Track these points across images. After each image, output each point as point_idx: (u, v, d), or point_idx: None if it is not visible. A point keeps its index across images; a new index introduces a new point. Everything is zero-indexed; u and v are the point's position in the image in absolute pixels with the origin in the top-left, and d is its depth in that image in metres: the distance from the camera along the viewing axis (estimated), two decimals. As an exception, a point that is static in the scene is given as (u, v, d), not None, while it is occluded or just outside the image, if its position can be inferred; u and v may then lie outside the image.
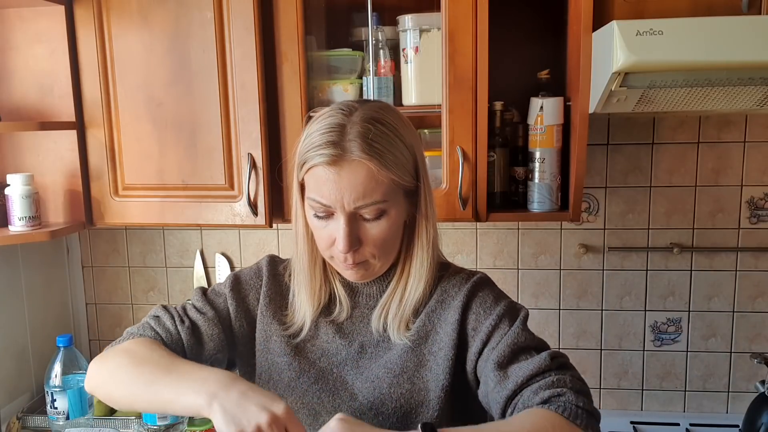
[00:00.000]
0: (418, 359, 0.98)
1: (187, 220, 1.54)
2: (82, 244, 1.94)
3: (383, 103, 0.98)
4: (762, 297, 1.72)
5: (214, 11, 1.44)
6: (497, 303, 0.98)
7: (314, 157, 0.89)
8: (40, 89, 1.55)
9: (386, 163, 0.89)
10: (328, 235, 0.93)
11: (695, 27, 1.16)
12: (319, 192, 0.90)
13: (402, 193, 0.94)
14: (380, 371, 0.98)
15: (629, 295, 1.77)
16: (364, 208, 0.90)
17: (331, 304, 1.04)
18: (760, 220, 1.70)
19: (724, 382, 1.77)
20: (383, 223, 0.92)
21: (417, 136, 0.98)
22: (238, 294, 1.07)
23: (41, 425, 1.69)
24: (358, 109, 0.92)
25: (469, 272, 1.05)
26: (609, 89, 1.24)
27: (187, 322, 1.03)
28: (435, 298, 1.01)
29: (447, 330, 0.98)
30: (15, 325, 1.75)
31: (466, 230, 1.79)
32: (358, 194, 0.89)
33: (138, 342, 0.99)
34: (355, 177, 0.88)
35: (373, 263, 0.97)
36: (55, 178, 1.58)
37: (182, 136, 1.50)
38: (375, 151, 0.88)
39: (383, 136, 0.89)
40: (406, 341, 0.98)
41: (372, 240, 0.93)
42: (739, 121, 1.66)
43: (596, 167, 1.71)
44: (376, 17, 1.49)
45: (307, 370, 1.01)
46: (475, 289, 1.00)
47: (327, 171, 0.89)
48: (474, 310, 0.98)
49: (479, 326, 0.96)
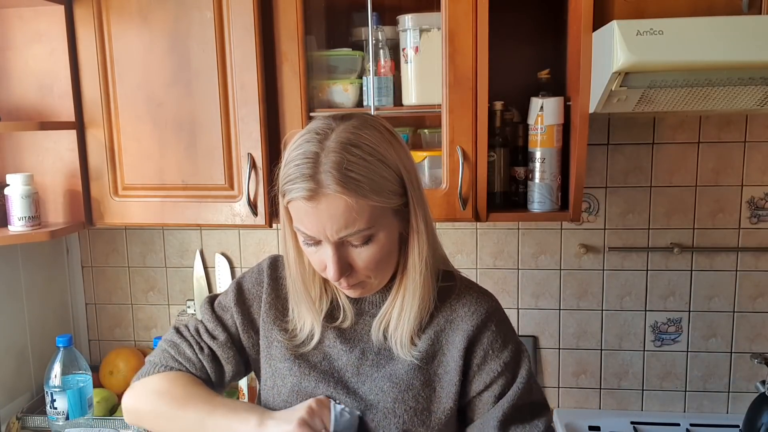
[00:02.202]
0: (426, 378, 0.97)
1: (187, 220, 1.54)
2: (81, 244, 1.94)
3: (362, 118, 0.91)
4: (762, 297, 1.72)
5: (214, 11, 1.44)
6: (506, 346, 0.98)
7: (291, 191, 0.87)
8: (39, 89, 1.54)
9: (364, 192, 0.85)
10: (320, 260, 0.92)
11: (695, 27, 1.16)
12: (302, 224, 0.89)
13: (390, 213, 0.91)
14: (385, 384, 0.97)
15: (629, 295, 1.76)
16: (349, 237, 0.88)
17: (335, 310, 1.03)
18: (761, 220, 1.69)
19: (725, 382, 1.76)
20: (372, 247, 0.90)
21: (402, 147, 0.92)
22: (242, 306, 1.07)
23: (41, 425, 1.69)
24: (334, 130, 0.87)
25: (479, 292, 1.03)
26: (609, 89, 1.24)
27: (206, 349, 1.05)
28: (444, 316, 0.99)
29: (454, 355, 0.97)
30: (15, 325, 1.75)
31: (466, 230, 1.79)
32: (340, 225, 0.86)
33: (170, 378, 1.03)
34: (334, 210, 0.85)
35: (369, 282, 0.95)
36: (55, 178, 1.58)
37: (182, 136, 1.50)
38: (351, 181, 0.84)
39: (360, 162, 0.85)
40: (412, 359, 0.97)
41: (363, 264, 0.91)
42: (740, 121, 1.66)
43: (596, 167, 1.71)
44: (376, 17, 1.49)
45: (308, 374, 1.00)
46: (487, 320, 0.98)
47: (305, 205, 0.86)
48: (482, 345, 0.97)
49: (484, 366, 0.97)
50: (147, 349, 1.93)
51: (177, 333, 1.08)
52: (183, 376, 1.04)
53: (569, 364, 1.81)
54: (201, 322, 1.09)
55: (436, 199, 1.43)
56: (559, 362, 1.81)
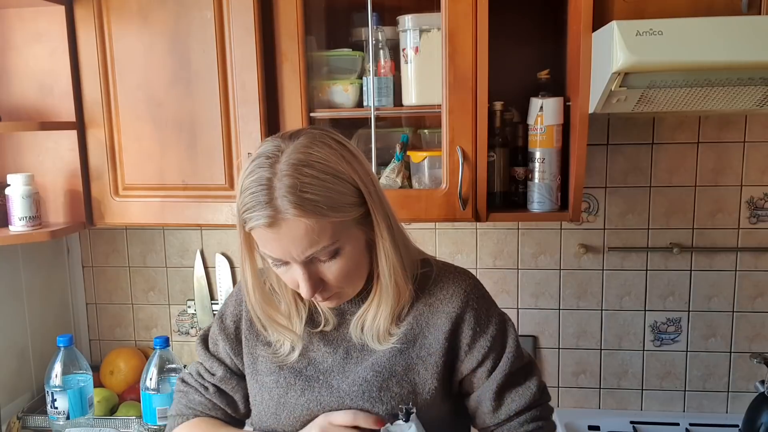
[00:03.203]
0: (407, 363, 0.98)
1: (187, 220, 1.54)
2: (82, 244, 1.94)
3: (310, 135, 0.90)
4: (762, 297, 1.72)
5: (214, 11, 1.44)
6: (490, 321, 1.01)
7: (251, 219, 0.87)
8: (40, 89, 1.55)
9: (323, 212, 0.85)
10: (292, 279, 0.93)
11: (695, 27, 1.16)
12: (267, 248, 0.90)
13: (352, 224, 0.91)
14: (368, 374, 0.98)
15: (629, 295, 1.77)
16: (316, 254, 0.89)
17: (316, 316, 1.04)
18: (760, 220, 1.70)
19: (724, 382, 1.77)
20: (340, 260, 0.91)
21: (355, 158, 0.91)
22: (227, 332, 1.09)
23: (41, 425, 1.69)
24: (284, 152, 0.87)
25: (456, 272, 1.05)
26: (609, 89, 1.24)
27: (210, 388, 1.09)
28: (423, 301, 1.01)
29: (437, 336, 0.99)
30: (15, 325, 1.75)
31: (466, 230, 1.79)
32: (304, 246, 0.87)
33: (190, 427, 1.08)
34: (295, 233, 0.86)
35: (343, 291, 0.97)
36: (55, 178, 1.58)
37: (182, 136, 1.50)
38: (308, 202, 0.84)
39: (314, 182, 0.85)
40: (391, 346, 0.98)
41: (334, 277, 0.92)
42: (739, 121, 1.66)
43: (596, 167, 1.72)
44: (376, 17, 1.49)
45: (293, 383, 1.01)
46: (467, 300, 1.00)
47: (266, 232, 0.87)
48: (468, 324, 1.00)
49: (474, 344, 0.99)
50: (147, 348, 1.94)
51: (183, 383, 1.13)
52: (201, 421, 1.09)
53: (569, 364, 1.81)
54: (199, 363, 1.12)
55: (436, 199, 1.43)
56: (558, 362, 1.81)
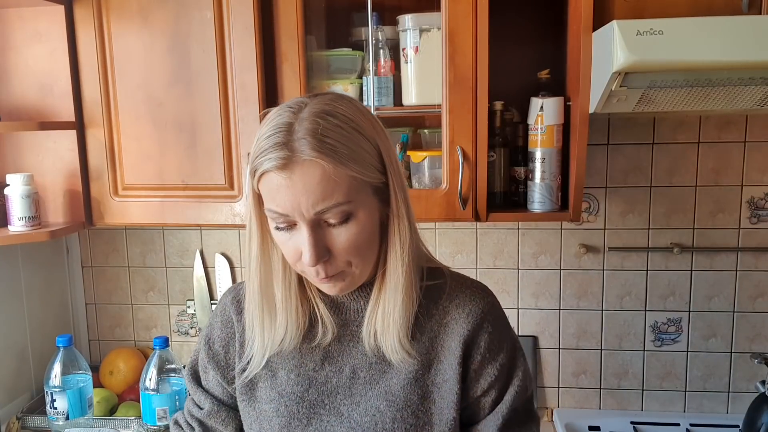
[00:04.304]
0: (423, 391, 0.91)
1: (187, 220, 1.54)
2: (81, 244, 1.94)
3: (338, 94, 0.87)
4: (762, 297, 1.72)
5: (214, 11, 1.44)
6: (501, 348, 0.93)
7: (263, 163, 0.80)
8: (40, 89, 1.54)
9: (342, 159, 0.79)
10: (294, 248, 0.84)
11: (695, 27, 1.16)
12: (275, 201, 0.81)
13: (369, 190, 0.84)
14: (381, 403, 0.90)
15: (629, 295, 1.76)
16: (326, 213, 0.80)
17: (313, 328, 0.94)
18: (761, 220, 1.69)
19: (725, 382, 1.76)
20: (351, 227, 0.82)
21: (380, 127, 0.87)
22: (216, 358, 1.01)
23: (41, 425, 1.69)
24: (308, 104, 0.82)
25: (473, 287, 0.96)
26: (609, 89, 1.24)
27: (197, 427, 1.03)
28: (437, 319, 0.93)
29: (451, 361, 0.91)
30: (15, 325, 1.75)
31: (466, 230, 1.79)
32: (316, 198, 0.79)
33: None
34: (309, 179, 0.79)
35: (350, 272, 0.87)
36: (55, 178, 1.58)
37: (182, 136, 1.50)
38: (327, 146, 0.78)
39: (336, 129, 0.80)
40: (408, 370, 0.91)
41: (342, 247, 0.83)
42: (740, 121, 1.66)
43: (596, 167, 1.71)
44: (376, 17, 1.49)
45: (296, 411, 0.92)
46: (482, 321, 0.92)
47: (278, 177, 0.79)
48: (480, 349, 0.92)
49: (482, 371, 0.92)
50: (147, 349, 1.93)
51: (175, 425, 1.07)
52: None
53: (569, 364, 1.81)
54: (189, 396, 1.06)
55: (436, 199, 1.43)
56: (558, 362, 1.81)
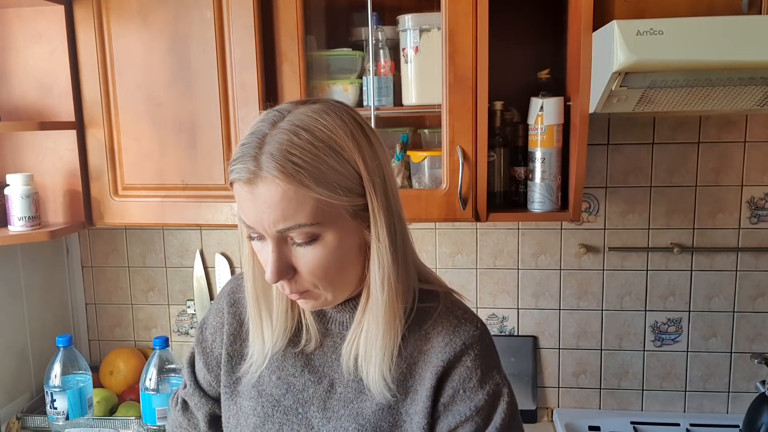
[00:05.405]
0: (394, 420, 0.86)
1: (187, 220, 1.54)
2: (81, 244, 1.94)
3: (328, 104, 0.81)
4: (762, 297, 1.72)
5: (214, 11, 1.44)
6: (481, 387, 0.85)
7: (232, 172, 0.78)
8: (39, 89, 1.54)
9: (305, 181, 0.74)
10: (264, 258, 0.81)
11: (695, 27, 1.16)
12: (242, 211, 0.79)
13: (346, 213, 0.79)
14: (350, 425, 0.87)
15: (629, 295, 1.76)
16: (289, 231, 0.77)
17: (299, 332, 0.92)
18: (761, 220, 1.69)
19: (725, 382, 1.76)
20: (317, 249, 0.78)
21: (368, 141, 0.80)
22: (203, 347, 1.01)
23: (41, 425, 1.69)
24: (291, 113, 0.78)
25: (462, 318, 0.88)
26: (609, 89, 1.24)
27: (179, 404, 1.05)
28: (417, 346, 0.86)
29: (422, 394, 0.86)
30: (15, 325, 1.75)
31: (466, 230, 1.79)
32: (277, 217, 0.76)
33: None
34: (270, 197, 0.75)
35: (317, 293, 0.83)
36: (55, 178, 1.58)
37: (182, 136, 1.50)
38: (291, 166, 0.74)
39: (306, 147, 0.75)
40: (386, 397, 0.85)
41: (307, 268, 0.79)
42: (740, 121, 1.66)
43: (596, 167, 1.71)
44: (376, 17, 1.49)
45: (271, 414, 0.91)
46: (461, 355, 0.85)
47: (243, 189, 0.77)
48: (452, 383, 0.85)
49: (452, 407, 0.85)
50: (147, 349, 1.93)
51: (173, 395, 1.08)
52: None
53: (569, 364, 1.81)
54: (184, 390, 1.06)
55: (436, 199, 1.43)
56: (559, 362, 1.81)
